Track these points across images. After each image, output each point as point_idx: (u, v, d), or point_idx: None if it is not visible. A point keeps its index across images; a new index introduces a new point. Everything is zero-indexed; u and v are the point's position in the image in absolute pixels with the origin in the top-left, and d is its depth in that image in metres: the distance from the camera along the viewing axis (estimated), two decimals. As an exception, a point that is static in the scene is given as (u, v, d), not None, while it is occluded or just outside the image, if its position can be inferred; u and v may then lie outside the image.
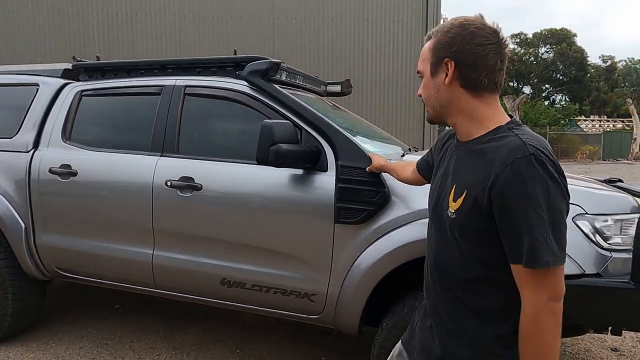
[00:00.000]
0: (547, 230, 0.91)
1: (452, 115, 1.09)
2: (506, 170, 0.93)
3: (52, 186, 2.69)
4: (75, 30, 8.98)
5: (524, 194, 0.91)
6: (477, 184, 0.98)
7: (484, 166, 0.98)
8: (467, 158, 1.06)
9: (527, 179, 0.91)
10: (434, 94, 1.09)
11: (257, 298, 2.34)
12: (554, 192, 0.92)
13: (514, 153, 0.93)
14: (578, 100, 37.33)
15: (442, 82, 1.06)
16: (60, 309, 3.44)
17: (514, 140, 0.97)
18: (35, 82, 2.96)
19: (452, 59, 1.03)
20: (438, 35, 1.06)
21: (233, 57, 2.63)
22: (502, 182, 0.93)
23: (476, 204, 0.97)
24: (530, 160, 0.92)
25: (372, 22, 9.68)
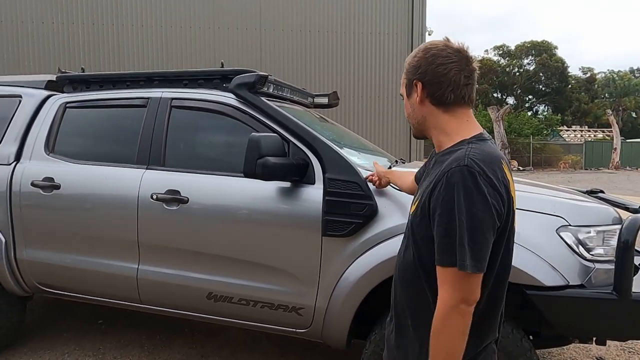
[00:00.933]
0: (464, 237, 0.98)
1: (428, 130, 1.20)
2: (442, 178, 1.03)
3: (34, 199, 2.63)
4: (60, 41, 8.89)
5: (449, 200, 1.01)
6: (426, 190, 1.09)
7: (434, 175, 1.09)
8: (432, 168, 1.18)
9: (454, 187, 1.00)
10: (411, 112, 1.21)
11: (245, 312, 2.31)
12: (478, 203, 0.99)
13: (452, 163, 1.04)
14: (560, 110, 38.15)
15: (415, 101, 1.17)
16: (41, 325, 3.35)
17: (460, 152, 1.06)
18: (18, 94, 2.91)
19: (419, 80, 1.15)
20: (408, 60, 1.19)
21: (220, 70, 2.63)
22: (437, 189, 1.04)
23: (424, 208, 1.09)
24: (462, 170, 1.01)
25: (359, 34, 9.80)
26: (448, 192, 1.01)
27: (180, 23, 9.24)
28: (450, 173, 1.02)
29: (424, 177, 1.23)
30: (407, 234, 1.18)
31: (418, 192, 1.21)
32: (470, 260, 0.98)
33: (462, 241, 0.98)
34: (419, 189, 1.22)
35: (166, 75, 2.74)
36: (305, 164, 2.20)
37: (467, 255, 0.98)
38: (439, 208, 1.02)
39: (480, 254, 1.00)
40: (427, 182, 1.13)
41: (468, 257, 0.98)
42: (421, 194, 1.12)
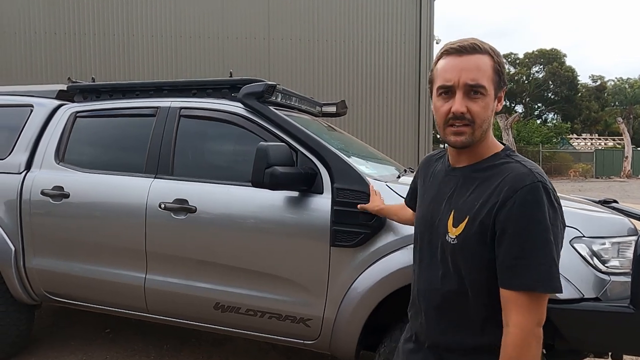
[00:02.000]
0: (546, 256, 0.93)
1: (481, 140, 1.06)
2: (515, 196, 0.95)
3: (44, 208, 2.65)
4: (71, 52, 9.03)
5: (528, 218, 0.93)
6: (482, 209, 0.99)
7: (489, 191, 0.99)
8: (465, 184, 1.07)
9: (536, 206, 0.94)
10: (489, 117, 1.05)
11: (252, 323, 2.29)
12: (556, 221, 0.96)
13: (523, 179, 0.96)
14: (569, 118, 37.87)
15: (494, 107, 1.05)
16: (49, 333, 3.35)
17: (518, 166, 1.00)
18: (29, 104, 2.95)
19: (505, 86, 1.07)
20: (497, 58, 1.04)
21: (229, 79, 2.64)
22: (510, 207, 0.95)
23: (481, 228, 0.98)
24: (538, 187, 0.95)
25: (367, 43, 9.83)
26: (526, 210, 0.94)
27: (190, 33, 9.34)
28: (525, 190, 0.95)
29: (447, 193, 1.10)
30: (442, 260, 1.07)
31: (443, 210, 1.08)
32: (554, 281, 0.94)
33: (545, 261, 0.93)
34: (438, 207, 1.10)
35: (175, 84, 2.75)
36: (314, 174, 2.19)
37: (550, 276, 0.93)
38: (512, 227, 0.94)
39: (558, 273, 0.95)
40: (471, 200, 1.02)
41: (550, 278, 0.93)
42: (469, 213, 1.01)
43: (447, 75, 1.03)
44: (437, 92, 1.06)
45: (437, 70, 1.06)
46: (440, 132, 1.07)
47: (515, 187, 0.96)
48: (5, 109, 3.01)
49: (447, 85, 1.03)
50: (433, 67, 1.09)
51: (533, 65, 39.18)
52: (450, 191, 1.09)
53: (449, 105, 1.03)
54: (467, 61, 1.01)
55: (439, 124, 1.07)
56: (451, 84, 1.02)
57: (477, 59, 1.02)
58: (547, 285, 0.94)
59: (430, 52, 9.87)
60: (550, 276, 0.93)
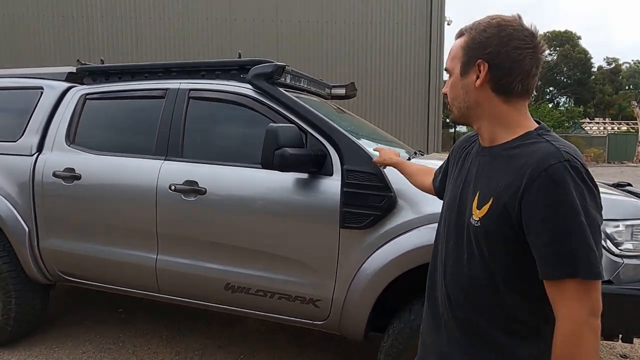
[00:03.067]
0: (585, 240, 0.85)
1: (478, 118, 1.04)
2: (540, 177, 0.88)
3: (56, 190, 2.67)
4: (80, 34, 9.01)
5: (564, 202, 0.86)
6: (506, 191, 0.93)
7: (513, 173, 0.93)
8: (492, 164, 1.01)
9: (564, 186, 0.86)
10: (461, 94, 1.03)
11: (262, 303, 2.31)
12: (591, 202, 0.87)
13: (547, 159, 0.89)
14: (582, 102, 37.19)
15: (471, 84, 1.00)
16: (63, 313, 3.42)
17: (546, 146, 0.93)
18: (39, 86, 2.95)
19: (485, 61, 0.97)
20: (472, 33, 1.00)
21: (237, 60, 2.61)
22: (536, 190, 0.88)
23: (505, 211, 0.92)
24: (565, 166, 0.87)
25: (376, 24, 9.68)
26: (554, 193, 0.86)
27: (198, 15, 9.26)
28: (551, 170, 0.87)
29: (473, 174, 1.05)
30: (467, 243, 1.01)
31: (469, 192, 1.03)
32: (592, 267, 0.85)
33: (579, 245, 0.85)
34: (466, 189, 1.05)
35: (184, 66, 2.74)
36: (323, 155, 2.18)
37: (593, 261, 0.85)
38: (538, 213, 0.87)
39: (597, 259, 0.86)
40: (495, 181, 0.96)
41: (595, 263, 0.85)
42: (494, 195, 0.95)
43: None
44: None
45: None
46: None
47: (539, 168, 0.88)
48: (16, 91, 3.03)
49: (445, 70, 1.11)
50: None
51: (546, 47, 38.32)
52: (478, 172, 1.05)
53: None
54: (451, 48, 1.07)
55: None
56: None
57: (455, 44, 1.05)
58: (588, 271, 0.86)
59: (441, 33, 9.70)
60: (588, 262, 0.85)
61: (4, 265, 2.79)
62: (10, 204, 2.76)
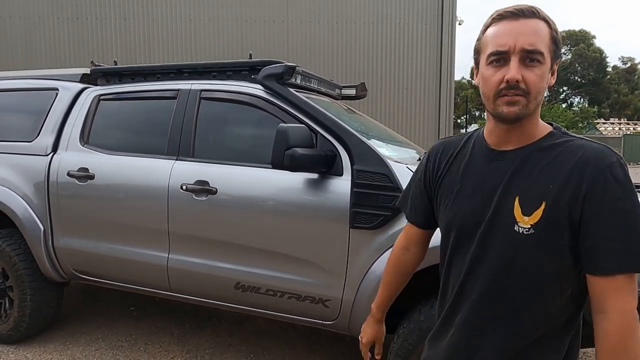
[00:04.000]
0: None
1: (532, 117, 0.98)
2: (603, 175, 0.90)
3: (70, 189, 2.72)
4: (94, 36, 9.15)
5: (628, 199, 0.89)
6: (563, 194, 0.91)
7: (566, 173, 0.92)
8: (526, 166, 0.97)
9: (626, 184, 0.90)
10: (544, 88, 0.96)
11: (272, 303, 2.33)
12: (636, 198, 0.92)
13: (604, 158, 0.91)
14: (597, 102, 36.63)
15: (548, 80, 0.97)
16: (77, 310, 3.48)
17: (588, 144, 0.95)
18: (54, 87, 3.01)
19: (560, 59, 1.00)
20: (553, 26, 0.96)
21: (248, 61, 2.63)
22: (601, 189, 0.89)
23: (564, 214, 0.91)
24: (622, 165, 0.91)
25: (387, 24, 9.64)
26: (620, 191, 0.89)
27: (208, 17, 9.33)
28: (613, 169, 0.90)
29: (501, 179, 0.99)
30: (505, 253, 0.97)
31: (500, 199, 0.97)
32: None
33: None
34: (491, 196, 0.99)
35: (195, 67, 2.76)
36: (333, 155, 2.18)
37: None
38: (607, 208, 0.89)
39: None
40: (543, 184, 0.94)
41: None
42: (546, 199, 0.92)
43: (501, 40, 0.93)
44: (488, 60, 0.96)
45: (487, 37, 0.97)
46: (489, 105, 0.98)
47: (600, 166, 0.90)
48: (31, 92, 3.09)
49: (500, 51, 0.93)
50: (481, 36, 1.01)
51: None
52: (506, 176, 0.98)
53: (501, 73, 0.93)
54: (525, 25, 0.93)
55: (489, 96, 0.97)
56: (506, 49, 0.92)
57: (535, 24, 0.94)
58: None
59: (452, 33, 9.62)
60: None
61: (20, 263, 2.85)
62: (27, 203, 2.82)
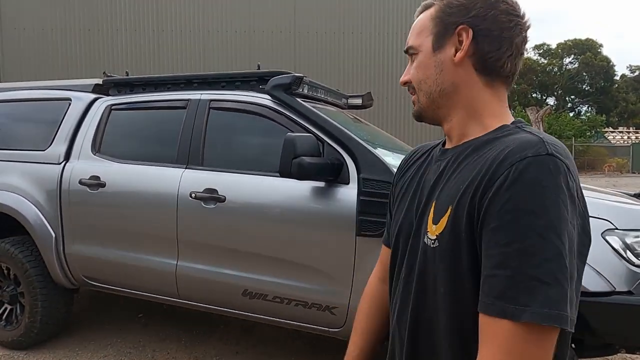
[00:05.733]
0: (565, 268, 0.59)
1: (452, 107, 0.78)
2: (509, 170, 0.63)
3: (82, 197, 2.77)
4: (105, 47, 9.32)
5: (532, 208, 0.60)
6: (467, 192, 0.68)
7: (479, 169, 0.68)
8: (455, 165, 0.76)
9: (538, 187, 0.61)
10: (433, 74, 0.78)
11: (279, 310, 2.34)
12: (572, 213, 0.62)
13: (524, 149, 0.64)
14: (605, 111, 36.41)
15: (448, 60, 0.76)
16: (86, 316, 3.51)
17: (526, 136, 0.69)
18: (67, 97, 3.08)
19: (470, 27, 0.74)
20: (439, 4, 0.78)
21: (256, 72, 2.69)
22: (497, 187, 0.63)
23: (464, 221, 0.67)
24: (546, 161, 0.62)
25: (392, 35, 9.73)
26: (521, 193, 0.61)
27: (217, 28, 9.48)
28: (525, 163, 0.62)
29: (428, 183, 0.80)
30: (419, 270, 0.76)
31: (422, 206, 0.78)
32: (557, 308, 0.58)
33: (542, 273, 0.58)
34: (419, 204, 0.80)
35: (205, 77, 2.82)
36: (340, 164, 2.21)
37: (550, 300, 0.58)
38: (496, 218, 0.62)
39: (567, 296, 0.60)
40: (457, 184, 0.71)
41: (551, 303, 0.58)
42: (452, 202, 0.70)
43: None
44: None
45: None
46: None
47: (510, 159, 0.63)
48: (45, 102, 3.16)
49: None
50: None
51: (566, 55, 37.84)
52: (435, 178, 0.79)
53: None
54: (413, 25, 0.83)
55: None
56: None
57: (418, 20, 0.82)
58: (544, 315, 0.58)
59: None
60: (550, 300, 0.58)
61: (32, 269, 2.90)
62: (39, 210, 2.87)
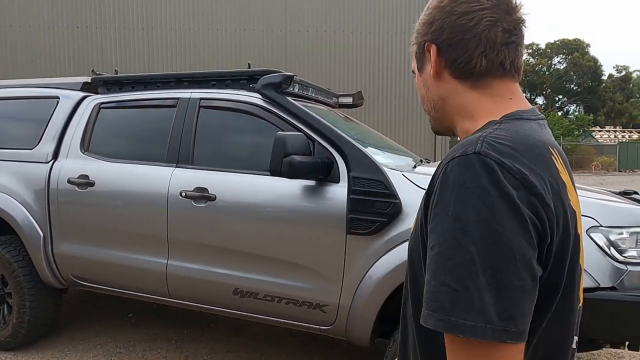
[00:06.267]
0: (476, 275, 0.55)
1: (450, 117, 0.78)
2: (439, 174, 0.64)
3: (70, 196, 2.75)
4: (93, 45, 9.21)
5: (447, 211, 0.59)
6: (427, 192, 0.69)
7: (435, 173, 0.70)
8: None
9: (455, 187, 0.59)
10: (425, 93, 0.81)
11: (269, 308, 2.35)
12: (500, 214, 0.56)
13: (458, 149, 0.64)
14: (592, 110, 36.95)
15: (429, 77, 0.78)
16: (75, 317, 3.48)
17: (475, 134, 0.67)
18: (55, 95, 3.05)
19: (431, 42, 0.75)
20: (418, 27, 0.80)
21: (247, 71, 2.69)
22: (435, 187, 0.64)
23: (422, 218, 0.68)
24: (468, 160, 0.60)
25: (383, 34, 9.76)
26: (445, 197, 0.60)
27: (207, 26, 9.42)
28: (450, 165, 0.62)
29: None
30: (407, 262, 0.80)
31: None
32: (466, 315, 0.55)
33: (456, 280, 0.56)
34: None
35: (195, 76, 2.82)
36: (330, 163, 2.22)
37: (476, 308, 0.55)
38: (431, 222, 0.62)
39: (510, 306, 0.55)
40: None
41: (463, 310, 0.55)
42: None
43: None
44: None
45: None
46: None
47: (445, 159, 0.64)
48: (33, 100, 3.13)
49: None
50: None
51: (555, 55, 38.29)
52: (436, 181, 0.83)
53: None
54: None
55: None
56: None
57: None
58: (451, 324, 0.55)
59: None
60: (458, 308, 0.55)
61: (20, 269, 2.86)
62: (27, 210, 2.84)
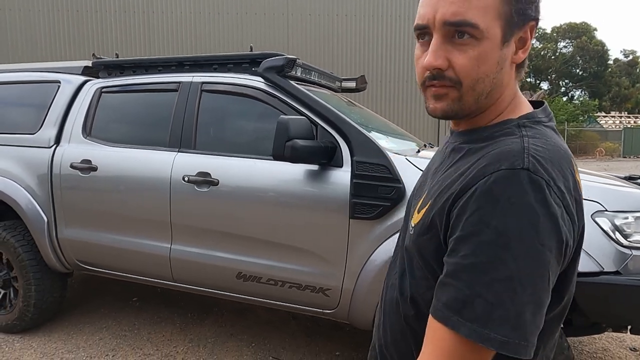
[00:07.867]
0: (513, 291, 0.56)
1: (486, 107, 0.70)
2: (478, 183, 0.61)
3: (73, 181, 2.75)
4: (94, 29, 9.13)
5: (489, 225, 0.58)
6: (443, 195, 0.67)
7: (460, 173, 0.67)
8: (449, 157, 0.75)
9: (500, 201, 0.58)
10: (492, 72, 0.66)
11: (273, 292, 2.36)
12: (544, 235, 0.57)
13: (500, 160, 0.61)
14: (598, 95, 36.54)
15: (508, 58, 0.67)
16: (81, 300, 3.52)
17: (512, 143, 0.64)
18: (56, 80, 3.03)
19: (535, 20, 0.67)
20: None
21: (249, 54, 2.65)
22: (465, 197, 0.62)
23: (434, 222, 0.67)
24: (517, 175, 0.59)
25: (387, 18, 9.63)
26: (487, 209, 0.58)
27: (209, 9, 9.31)
28: (494, 178, 0.60)
29: (431, 171, 0.82)
30: (402, 255, 0.79)
31: (425, 191, 0.77)
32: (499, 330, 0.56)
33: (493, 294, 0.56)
34: (425, 188, 0.78)
35: (197, 60, 2.78)
36: (333, 147, 2.21)
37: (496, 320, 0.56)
38: (463, 229, 0.60)
39: (540, 325, 0.58)
40: (443, 178, 0.71)
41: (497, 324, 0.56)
42: (432, 197, 0.70)
43: (421, 10, 0.68)
44: (416, 37, 0.71)
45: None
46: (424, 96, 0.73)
47: (485, 170, 0.61)
48: (34, 85, 3.11)
49: (421, 25, 0.68)
50: None
51: (561, 39, 37.74)
52: (437, 165, 0.79)
53: (425, 56, 0.68)
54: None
55: (419, 85, 0.73)
56: (425, 22, 0.67)
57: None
58: (483, 335, 0.56)
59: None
60: (491, 321, 0.56)
61: (25, 254, 2.89)
62: (30, 195, 2.85)
